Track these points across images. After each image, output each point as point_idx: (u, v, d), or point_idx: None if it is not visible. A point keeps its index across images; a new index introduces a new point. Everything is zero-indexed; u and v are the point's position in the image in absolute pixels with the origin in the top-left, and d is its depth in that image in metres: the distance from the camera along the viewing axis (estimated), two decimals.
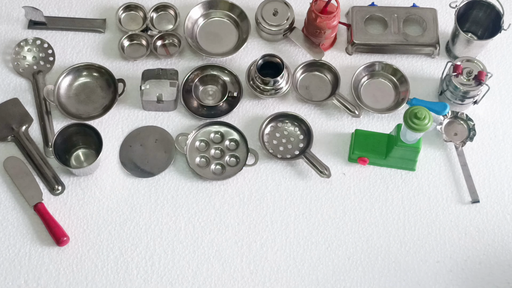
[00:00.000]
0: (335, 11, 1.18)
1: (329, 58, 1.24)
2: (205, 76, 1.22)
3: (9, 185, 1.12)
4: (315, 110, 1.21)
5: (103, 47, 1.25)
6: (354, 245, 1.10)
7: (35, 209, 1.09)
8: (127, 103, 1.20)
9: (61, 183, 1.12)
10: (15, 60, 1.21)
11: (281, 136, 1.18)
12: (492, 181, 1.16)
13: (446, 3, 1.19)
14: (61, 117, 1.17)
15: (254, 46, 1.26)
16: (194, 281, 1.07)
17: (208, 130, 1.17)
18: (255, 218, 1.11)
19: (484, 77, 1.14)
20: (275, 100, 1.21)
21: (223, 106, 1.20)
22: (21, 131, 1.15)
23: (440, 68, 1.23)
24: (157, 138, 1.17)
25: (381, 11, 1.26)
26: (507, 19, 1.18)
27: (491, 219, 1.12)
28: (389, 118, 1.20)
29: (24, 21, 1.26)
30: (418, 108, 1.01)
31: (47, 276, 1.05)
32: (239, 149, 1.16)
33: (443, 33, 1.26)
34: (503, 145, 1.19)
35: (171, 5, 1.27)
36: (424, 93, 1.22)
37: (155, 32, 1.24)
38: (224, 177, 1.14)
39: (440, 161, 1.17)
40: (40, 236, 1.08)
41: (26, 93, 1.20)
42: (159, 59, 1.24)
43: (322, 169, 1.13)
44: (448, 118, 1.19)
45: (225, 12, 1.27)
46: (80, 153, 1.15)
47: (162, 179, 1.14)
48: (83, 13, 1.28)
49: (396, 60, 1.25)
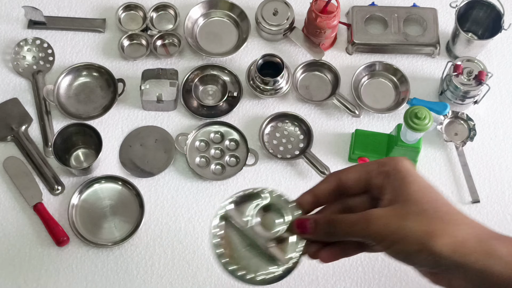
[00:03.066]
0: (335, 11, 1.18)
1: (329, 58, 1.24)
2: (205, 76, 1.22)
3: (9, 185, 1.12)
4: (315, 110, 1.20)
5: (103, 47, 1.25)
6: None
7: (34, 209, 1.08)
8: (127, 103, 1.20)
9: (61, 183, 1.12)
10: (14, 60, 1.21)
11: (281, 136, 1.18)
12: (492, 181, 1.15)
13: (446, 3, 1.19)
14: (60, 117, 1.17)
15: (254, 46, 1.26)
16: (194, 281, 1.06)
17: (208, 130, 1.17)
18: None
19: (484, 77, 1.14)
20: (275, 100, 1.21)
21: (223, 106, 1.20)
22: (20, 131, 1.15)
23: (440, 68, 1.23)
24: (157, 138, 1.17)
25: (381, 11, 1.26)
26: (507, 19, 1.17)
27: (491, 219, 1.12)
28: (389, 118, 1.20)
29: (23, 21, 1.26)
30: (418, 108, 1.01)
31: (47, 276, 1.05)
32: (239, 149, 1.16)
33: (443, 33, 1.26)
34: (503, 145, 1.19)
35: (171, 5, 1.27)
36: (424, 93, 1.22)
37: (155, 32, 1.24)
38: (224, 177, 1.14)
39: (440, 161, 1.17)
40: (40, 236, 1.08)
41: (26, 93, 1.20)
42: (159, 59, 1.24)
43: (322, 169, 1.13)
44: (449, 118, 1.19)
45: (225, 12, 1.27)
46: (80, 153, 1.15)
47: (162, 179, 1.14)
48: (83, 13, 1.28)
49: (396, 60, 1.25)
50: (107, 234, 1.08)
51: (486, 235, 0.62)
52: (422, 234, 0.61)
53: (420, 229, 0.62)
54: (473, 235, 0.61)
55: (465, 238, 0.61)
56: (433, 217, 0.63)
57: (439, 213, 0.63)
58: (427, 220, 0.62)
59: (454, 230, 0.61)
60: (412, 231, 0.62)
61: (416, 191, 0.65)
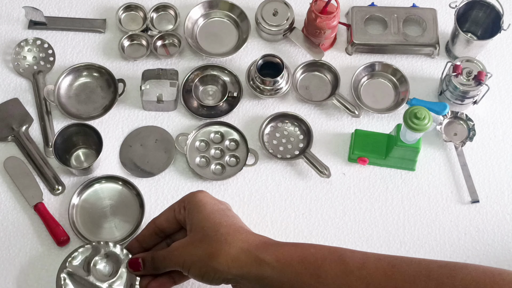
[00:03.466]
0: (335, 11, 1.19)
1: (329, 58, 1.24)
2: (205, 76, 1.22)
3: (9, 185, 1.12)
4: (315, 110, 1.21)
5: (103, 47, 1.25)
6: (354, 245, 1.10)
7: (35, 209, 1.09)
8: (127, 103, 1.20)
9: (61, 183, 1.12)
10: (15, 60, 1.22)
11: (281, 136, 1.18)
12: (492, 181, 1.16)
13: (446, 3, 1.20)
14: (61, 117, 1.18)
15: (254, 46, 1.26)
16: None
17: (208, 130, 1.17)
18: (255, 218, 1.11)
19: (483, 77, 1.14)
20: (275, 100, 1.21)
21: (223, 106, 1.20)
22: (21, 131, 1.15)
23: (440, 68, 1.23)
24: (157, 138, 1.17)
25: (381, 11, 1.26)
26: (507, 19, 1.18)
27: (491, 219, 1.13)
28: (389, 118, 1.20)
29: (24, 21, 1.26)
30: (418, 108, 1.01)
31: (47, 276, 1.05)
32: (239, 149, 1.16)
33: (443, 33, 1.27)
34: (503, 145, 1.19)
35: (171, 5, 1.27)
36: (424, 93, 1.22)
37: (155, 32, 1.24)
38: (224, 177, 1.14)
39: (440, 161, 1.17)
40: (40, 236, 1.08)
41: (26, 93, 1.20)
42: (159, 59, 1.24)
43: (322, 169, 1.13)
44: (448, 118, 1.19)
45: (225, 12, 1.28)
46: (80, 153, 1.15)
47: (162, 179, 1.14)
48: (83, 13, 1.28)
49: (396, 60, 1.25)
50: (107, 234, 1.08)
51: (255, 247, 0.75)
52: (205, 257, 0.75)
53: (203, 253, 0.75)
54: (243, 250, 0.74)
55: (237, 253, 0.74)
56: (212, 240, 0.75)
57: (218, 236, 0.76)
58: (207, 244, 0.76)
59: (228, 249, 0.74)
60: (198, 255, 0.75)
61: (203, 218, 0.78)
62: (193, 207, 0.81)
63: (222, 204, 0.85)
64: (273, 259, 0.74)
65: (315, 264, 0.74)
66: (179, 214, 0.83)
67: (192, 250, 0.77)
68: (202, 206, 0.81)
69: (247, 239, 0.77)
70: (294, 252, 0.75)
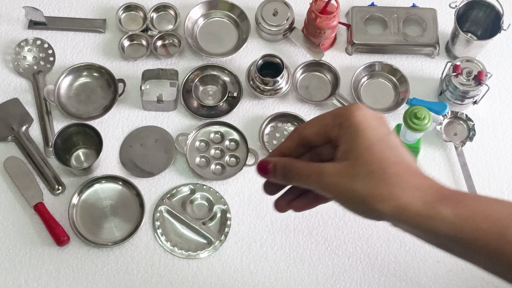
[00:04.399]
0: (335, 11, 1.19)
1: (329, 58, 1.24)
2: (205, 76, 1.22)
3: (9, 185, 1.12)
4: (315, 110, 1.21)
5: (103, 47, 1.25)
6: (354, 245, 1.10)
7: (35, 209, 1.09)
8: (127, 103, 1.20)
9: (61, 183, 1.12)
10: (15, 60, 1.22)
11: (281, 136, 1.18)
12: (491, 181, 1.16)
13: (446, 3, 1.20)
14: (61, 117, 1.18)
15: (254, 46, 1.26)
16: (194, 281, 1.07)
17: (208, 130, 1.17)
18: (255, 218, 1.11)
19: (483, 77, 1.14)
20: (275, 100, 1.21)
21: (223, 106, 1.20)
22: (21, 131, 1.15)
23: (439, 68, 1.23)
24: (157, 138, 1.17)
25: (381, 12, 1.26)
26: (506, 19, 1.18)
27: None
28: (389, 118, 1.20)
29: (24, 21, 1.26)
30: (418, 108, 1.01)
31: (47, 276, 1.05)
32: (239, 149, 1.16)
33: (443, 33, 1.27)
34: (502, 145, 1.19)
35: (171, 5, 1.27)
36: (424, 93, 1.22)
37: (155, 32, 1.24)
38: (224, 177, 1.14)
39: (440, 161, 1.17)
40: (40, 236, 1.08)
41: (26, 93, 1.20)
42: (159, 59, 1.24)
43: None
44: (448, 118, 1.19)
45: (225, 12, 1.28)
46: (80, 153, 1.15)
47: (162, 179, 1.14)
48: (83, 13, 1.28)
49: (396, 60, 1.25)
50: (107, 234, 1.08)
51: (431, 196, 0.65)
52: (368, 196, 0.64)
53: (366, 192, 0.65)
54: (418, 198, 0.64)
55: (409, 201, 0.64)
56: (380, 179, 0.65)
57: (386, 175, 0.65)
58: (373, 183, 0.65)
59: (399, 193, 0.64)
60: (359, 193, 0.65)
61: (366, 148, 0.67)
62: (352, 130, 0.68)
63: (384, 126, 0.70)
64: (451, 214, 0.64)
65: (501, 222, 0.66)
66: (332, 132, 0.70)
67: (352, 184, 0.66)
68: (363, 131, 0.67)
69: (421, 184, 0.66)
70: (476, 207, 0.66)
